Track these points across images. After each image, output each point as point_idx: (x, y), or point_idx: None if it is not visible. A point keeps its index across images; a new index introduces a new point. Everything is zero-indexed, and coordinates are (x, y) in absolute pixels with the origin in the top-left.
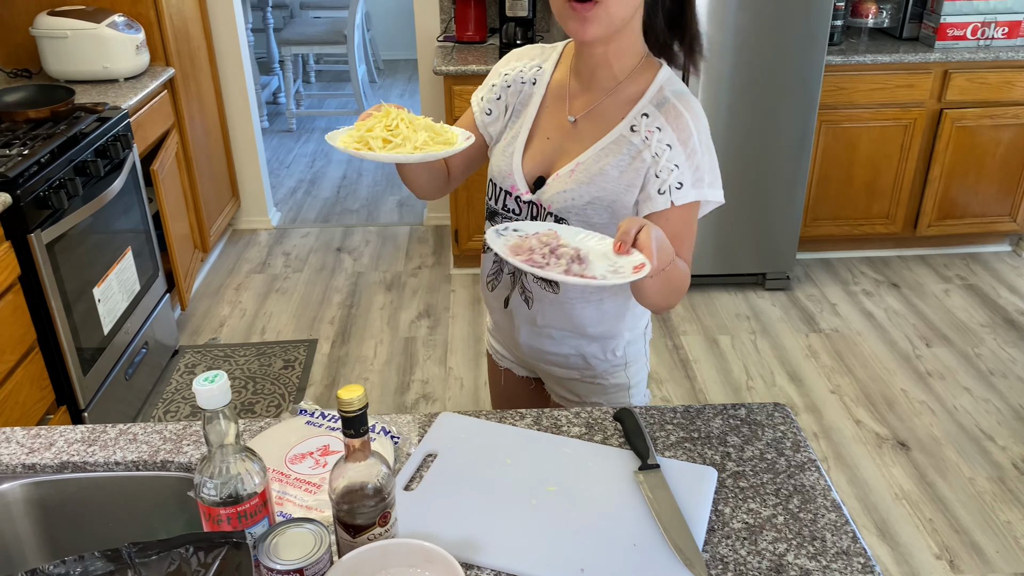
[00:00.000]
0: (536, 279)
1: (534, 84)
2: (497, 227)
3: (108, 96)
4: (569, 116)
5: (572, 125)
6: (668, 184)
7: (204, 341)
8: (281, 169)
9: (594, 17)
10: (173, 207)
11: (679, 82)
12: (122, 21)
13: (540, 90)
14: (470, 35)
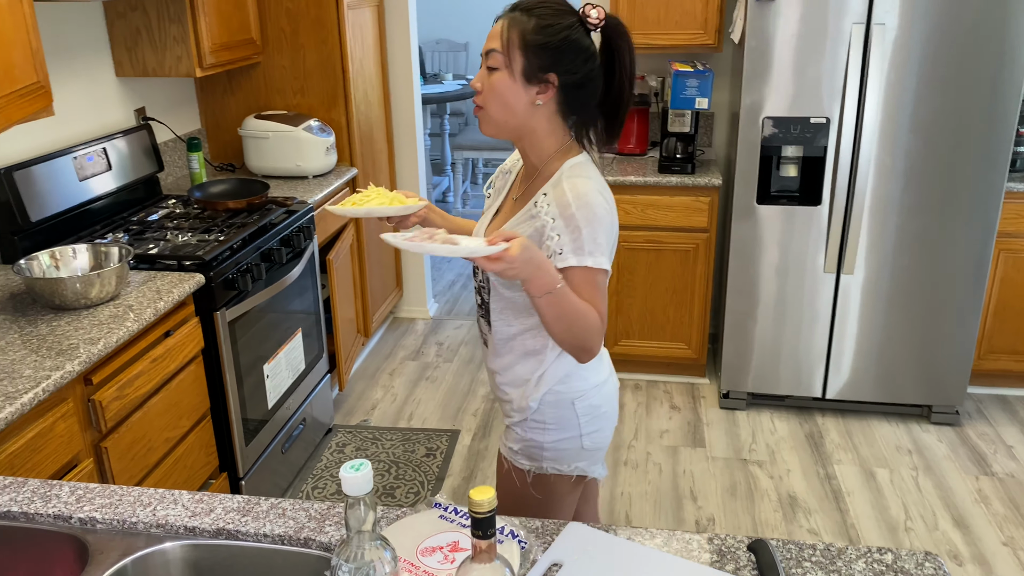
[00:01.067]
0: (479, 318)
1: (509, 172)
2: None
3: (297, 191)
4: (513, 196)
5: (514, 203)
6: (552, 249)
7: (356, 422)
8: (443, 263)
9: (484, 118)
10: (343, 294)
11: (580, 168)
12: (316, 126)
13: (512, 176)
14: (631, 147)
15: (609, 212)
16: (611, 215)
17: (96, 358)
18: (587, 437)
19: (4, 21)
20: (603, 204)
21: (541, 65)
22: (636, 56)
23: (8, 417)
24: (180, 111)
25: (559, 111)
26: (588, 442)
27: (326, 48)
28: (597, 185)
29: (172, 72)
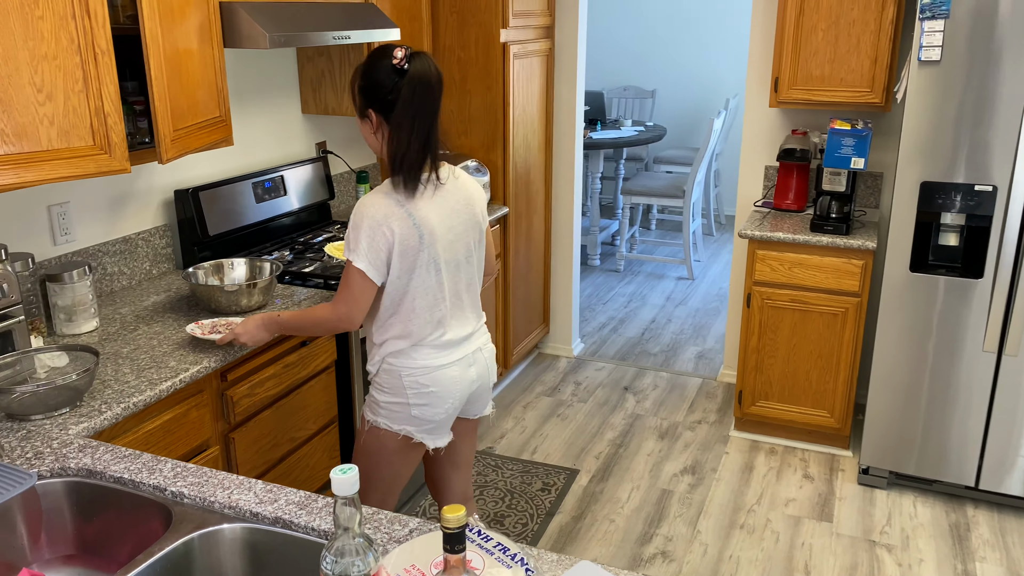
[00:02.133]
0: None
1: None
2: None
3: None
4: None
5: None
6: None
7: (482, 448)
8: (597, 304)
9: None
10: None
11: (378, 188)
12: (474, 166)
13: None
14: (788, 203)
15: (374, 222)
16: (376, 226)
17: (232, 358)
18: (415, 407)
19: (194, 65)
20: (370, 215)
21: (362, 103)
22: (787, 110)
23: (147, 400)
24: (362, 145)
25: (390, 141)
26: (416, 411)
27: (490, 95)
28: (380, 201)
29: (347, 112)
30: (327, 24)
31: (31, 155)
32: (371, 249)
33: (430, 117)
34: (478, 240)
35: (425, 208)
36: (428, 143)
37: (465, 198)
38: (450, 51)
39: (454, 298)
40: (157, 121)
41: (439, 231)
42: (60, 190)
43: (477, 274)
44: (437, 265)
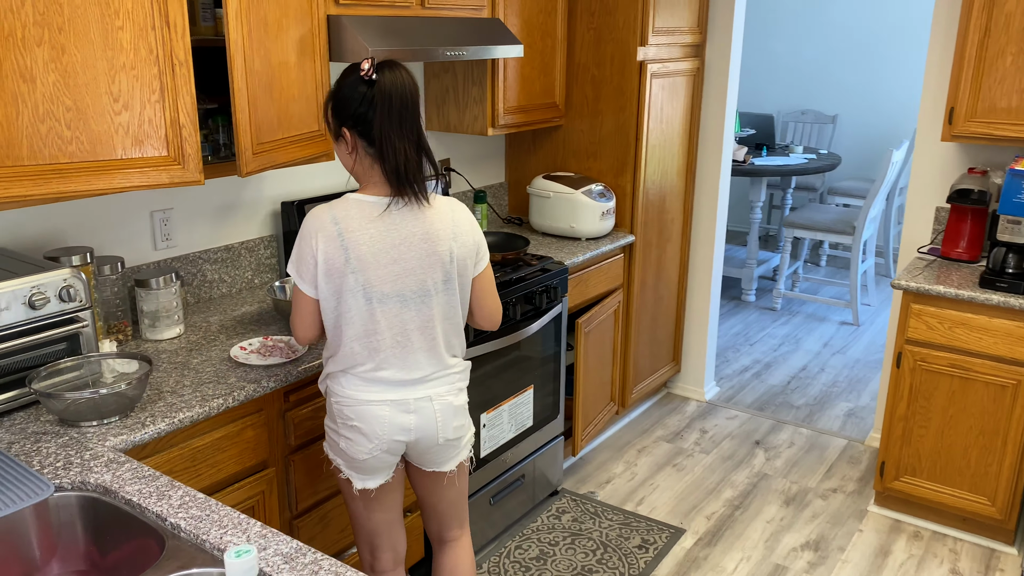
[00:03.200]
0: None
1: None
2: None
3: (565, 251)
4: None
5: None
6: None
7: (584, 491)
8: (743, 344)
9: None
10: (593, 360)
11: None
12: (597, 190)
13: None
14: (958, 252)
15: (305, 232)
16: (306, 237)
17: (294, 379)
18: (343, 439)
19: (290, 78)
20: (305, 226)
21: (335, 123)
22: (967, 145)
23: (194, 417)
24: (487, 164)
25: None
26: (344, 444)
27: (623, 115)
28: (319, 213)
29: (468, 129)
30: (441, 39)
31: (105, 163)
32: (300, 261)
33: (416, 123)
34: (442, 280)
35: (360, 232)
36: (421, 148)
37: (424, 232)
38: (584, 69)
39: (398, 335)
40: (238, 133)
41: (372, 259)
42: (164, 196)
43: (444, 317)
44: (368, 294)
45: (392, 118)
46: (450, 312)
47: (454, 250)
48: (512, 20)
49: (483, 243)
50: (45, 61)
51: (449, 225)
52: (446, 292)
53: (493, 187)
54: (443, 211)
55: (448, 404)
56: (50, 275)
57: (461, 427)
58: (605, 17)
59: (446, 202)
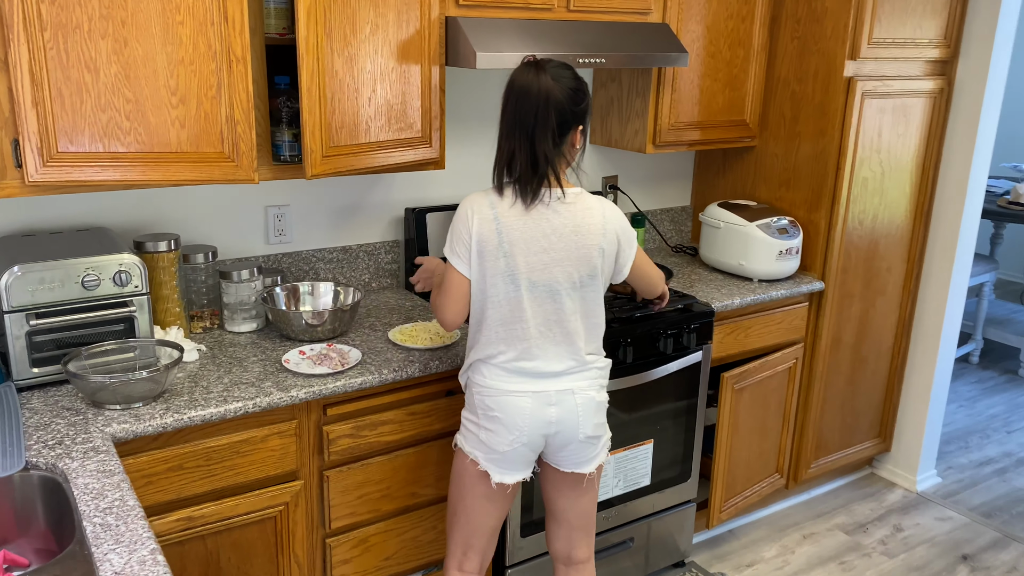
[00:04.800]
0: None
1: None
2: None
3: (726, 291)
4: None
5: None
6: None
7: (715, 570)
8: (998, 431)
9: None
10: (749, 422)
11: (489, 189)
12: (778, 225)
13: None
14: None
15: (461, 213)
16: (462, 218)
17: (328, 393)
18: (483, 430)
19: (388, 81)
20: (461, 207)
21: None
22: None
23: (205, 417)
24: (671, 184)
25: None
26: (484, 435)
27: (823, 140)
28: (474, 197)
29: (628, 145)
30: (581, 45)
31: (160, 155)
32: (456, 239)
33: (530, 127)
34: (588, 275)
35: (514, 219)
36: (534, 156)
37: (574, 225)
38: (784, 84)
39: (542, 325)
40: (304, 135)
41: (523, 245)
42: (280, 192)
43: (587, 313)
44: (515, 279)
45: (506, 118)
46: (594, 308)
47: (604, 247)
48: (691, 26)
49: (631, 236)
50: (108, 53)
51: (599, 221)
52: (592, 288)
53: (674, 211)
54: (594, 208)
55: (590, 399)
56: (106, 258)
57: (601, 425)
58: (812, 25)
59: (597, 200)
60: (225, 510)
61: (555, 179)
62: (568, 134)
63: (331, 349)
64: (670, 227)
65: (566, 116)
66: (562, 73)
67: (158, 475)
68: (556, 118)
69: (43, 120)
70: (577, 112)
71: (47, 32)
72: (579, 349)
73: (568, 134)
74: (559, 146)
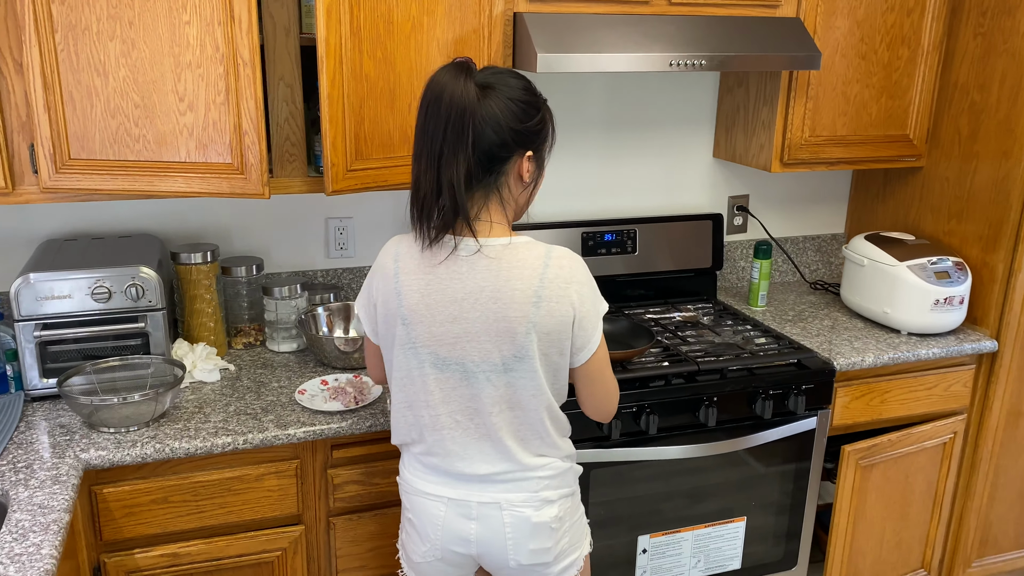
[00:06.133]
0: None
1: None
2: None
3: (862, 343)
4: None
5: None
6: None
7: None
8: None
9: None
10: (882, 504)
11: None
12: (937, 267)
13: None
14: None
15: (375, 265)
16: (373, 271)
17: (332, 434)
18: (403, 530)
19: None
20: (377, 257)
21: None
22: None
23: (189, 450)
24: (824, 208)
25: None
26: (403, 536)
27: (1007, 163)
28: (389, 246)
29: (752, 162)
30: (675, 43)
31: (168, 165)
32: (363, 296)
33: (437, 147)
34: (513, 356)
35: (416, 276)
36: (438, 186)
37: (494, 288)
38: (961, 92)
39: (458, 414)
40: (326, 146)
41: (426, 311)
42: (343, 204)
43: (517, 404)
44: (419, 354)
45: (417, 132)
46: (529, 399)
47: (534, 320)
48: (835, 21)
49: (591, 315)
50: (117, 56)
51: (532, 284)
52: (521, 372)
53: (822, 239)
54: (530, 264)
55: (523, 519)
56: (119, 270)
57: (544, 551)
58: (1001, 19)
59: (540, 252)
60: (215, 550)
61: (464, 223)
62: (507, 162)
63: (355, 381)
64: (815, 258)
65: (502, 136)
66: (505, 81)
67: (141, 507)
68: (476, 137)
69: (55, 125)
70: (523, 132)
71: (58, 34)
72: (508, 449)
73: (507, 162)
74: (483, 178)
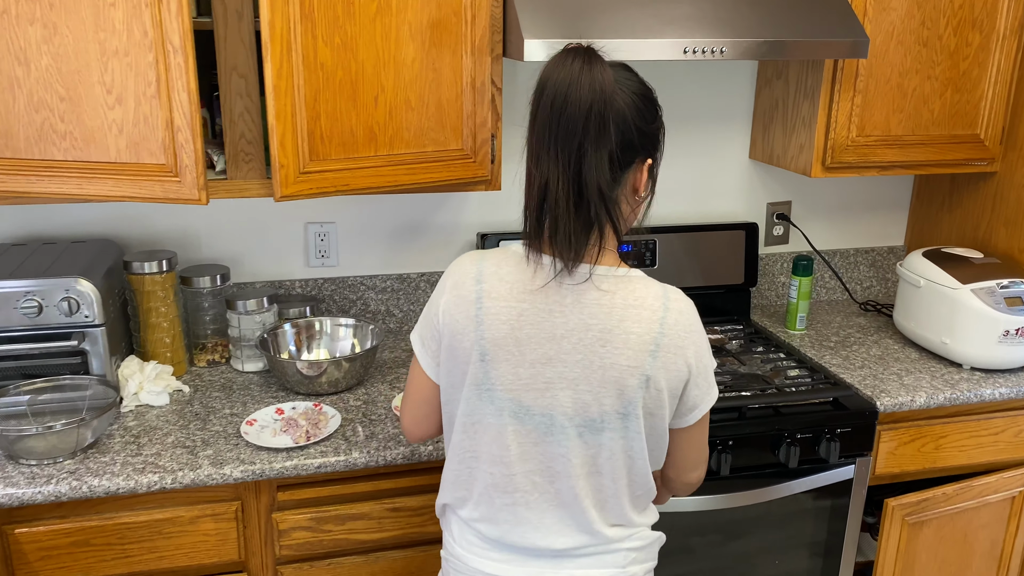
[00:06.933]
0: None
1: None
2: None
3: (909, 378)
4: None
5: None
6: None
7: None
8: None
9: None
10: (934, 565)
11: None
12: (1007, 292)
13: None
14: None
15: (440, 286)
16: (437, 292)
17: (274, 474)
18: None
19: (405, 78)
20: (446, 277)
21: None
22: None
23: (109, 488)
24: (880, 216)
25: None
26: None
27: None
28: (468, 265)
29: (791, 165)
30: (688, 26)
31: (97, 165)
32: (426, 321)
33: (576, 143)
34: (617, 412)
35: (507, 303)
36: (579, 188)
37: (603, 328)
38: None
39: (535, 474)
40: (272, 144)
41: (514, 346)
42: (323, 208)
43: (615, 466)
44: (495, 398)
45: (533, 134)
46: (624, 462)
47: (649, 372)
48: (892, 2)
49: (706, 372)
50: (38, 42)
51: (652, 329)
52: (622, 432)
53: (878, 253)
54: (648, 304)
55: None
56: (50, 282)
57: None
58: None
59: (658, 292)
60: None
61: (613, 230)
62: (629, 169)
63: (312, 412)
64: (868, 274)
65: (631, 137)
66: (624, 74)
67: (59, 549)
68: (618, 135)
69: None
70: (647, 135)
71: None
72: (590, 520)
73: (629, 169)
74: (619, 183)
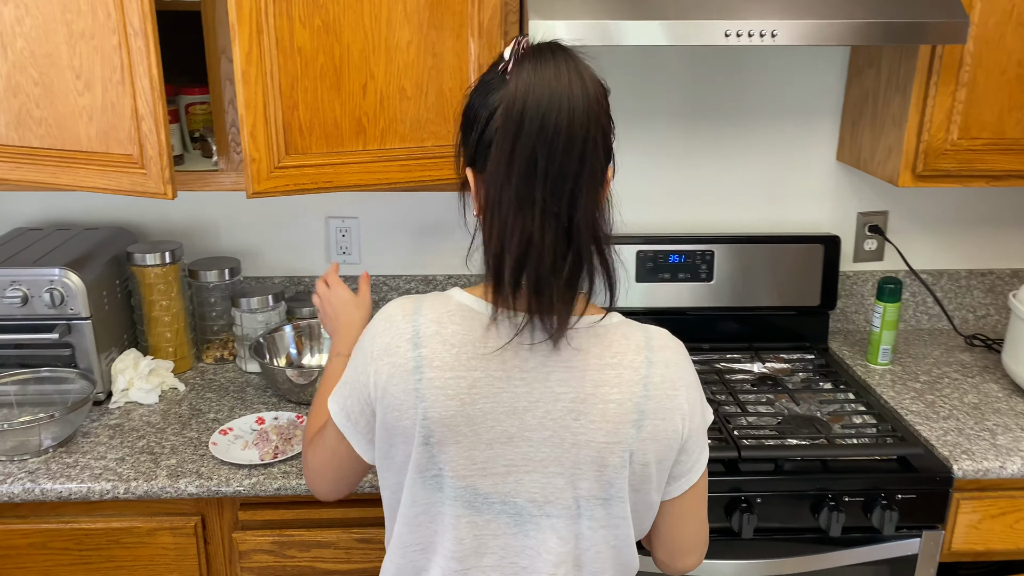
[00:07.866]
0: None
1: None
2: None
3: (1006, 436)
4: None
5: None
6: None
7: None
8: None
9: None
10: None
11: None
12: None
13: None
14: None
15: (375, 354)
16: (374, 361)
17: (231, 493)
18: None
19: (398, 65)
20: (374, 335)
21: (457, 155)
22: None
23: (62, 493)
24: (1001, 232)
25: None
26: None
27: None
28: (401, 322)
29: (876, 170)
30: (738, 5)
31: (69, 154)
32: (352, 381)
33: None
34: (598, 495)
35: (458, 373)
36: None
37: (575, 398)
38: None
39: (494, 570)
40: (244, 136)
41: (464, 428)
42: (346, 202)
43: (603, 559)
44: (444, 485)
45: (502, 158)
46: (612, 551)
47: (633, 447)
48: None
49: (699, 430)
50: (12, 23)
51: (633, 394)
52: (603, 519)
53: (998, 275)
54: (628, 361)
55: None
56: (35, 272)
57: None
58: None
59: (639, 341)
60: None
61: (606, 278)
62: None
63: (290, 426)
64: (985, 300)
65: (610, 151)
66: (583, 65)
67: (17, 550)
68: (605, 158)
69: None
70: (609, 137)
71: None
72: None
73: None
74: (602, 213)
